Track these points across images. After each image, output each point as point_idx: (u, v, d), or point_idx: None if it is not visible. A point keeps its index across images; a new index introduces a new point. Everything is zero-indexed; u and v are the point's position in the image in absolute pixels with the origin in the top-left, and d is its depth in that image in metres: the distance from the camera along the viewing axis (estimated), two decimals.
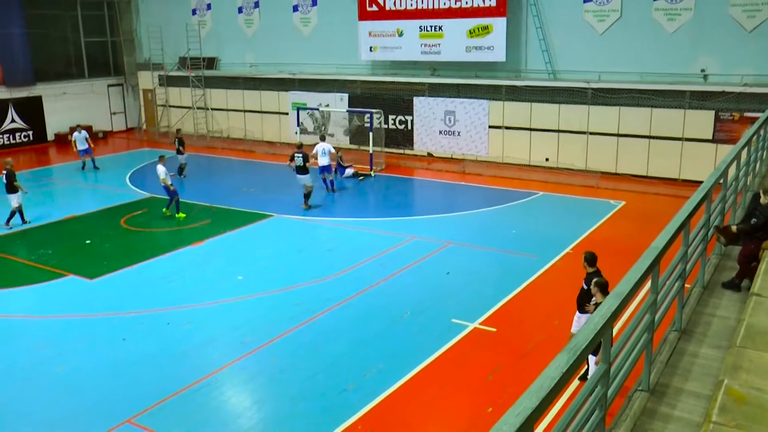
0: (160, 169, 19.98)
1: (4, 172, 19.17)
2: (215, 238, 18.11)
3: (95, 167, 26.97)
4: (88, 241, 18.08)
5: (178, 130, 27.81)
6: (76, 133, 27.12)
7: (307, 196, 20.80)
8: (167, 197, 20.35)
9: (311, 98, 29.86)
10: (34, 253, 17.30)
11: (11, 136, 32.32)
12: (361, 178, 24.40)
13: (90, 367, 11.32)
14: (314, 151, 22.43)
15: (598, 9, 23.56)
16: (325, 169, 22.47)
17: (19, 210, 19.39)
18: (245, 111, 32.82)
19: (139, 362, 11.41)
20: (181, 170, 25.40)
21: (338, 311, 13.22)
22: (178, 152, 25.24)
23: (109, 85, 36.83)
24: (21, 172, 24.35)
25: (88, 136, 27.08)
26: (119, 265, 16.08)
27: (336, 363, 11.21)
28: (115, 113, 37.15)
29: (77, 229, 19.25)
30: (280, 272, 15.48)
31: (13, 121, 32.44)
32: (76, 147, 26.56)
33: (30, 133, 32.81)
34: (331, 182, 22.65)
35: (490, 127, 25.95)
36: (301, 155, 20.66)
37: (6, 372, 11.28)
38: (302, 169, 20.62)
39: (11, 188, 19.07)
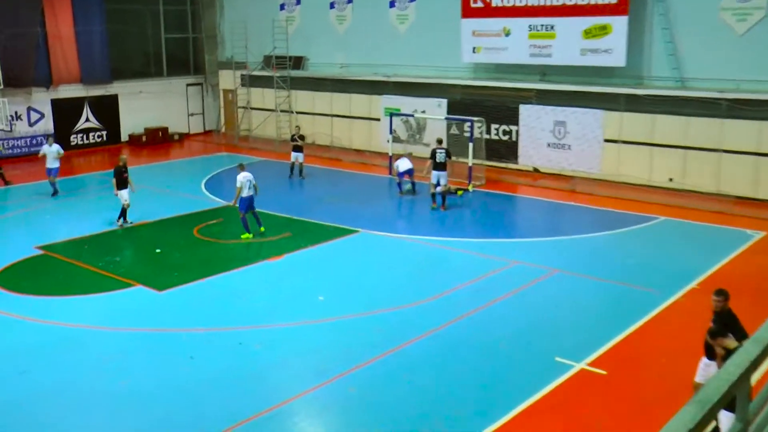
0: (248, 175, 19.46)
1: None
2: (294, 253, 18.33)
3: (55, 192, 24.10)
4: (158, 250, 18.66)
5: (297, 127, 28.98)
6: (46, 146, 24.59)
7: (443, 195, 22.16)
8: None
9: (406, 103, 29.95)
10: (101, 259, 17.90)
11: (85, 136, 33.76)
12: (460, 192, 24.27)
13: (154, 384, 11.62)
14: (396, 164, 24.29)
15: (738, 7, 22.70)
16: (408, 172, 23.79)
17: (123, 208, 20.36)
18: (333, 116, 33.27)
19: (206, 383, 11.63)
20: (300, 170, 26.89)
21: (426, 341, 13.12)
22: (297, 149, 26.69)
23: (187, 85, 38.08)
24: (93, 174, 25.52)
25: (61, 150, 24.51)
26: (190, 278, 16.48)
27: (421, 398, 11.10)
28: (192, 114, 38.35)
29: (147, 237, 19.93)
30: (363, 294, 15.54)
31: (87, 120, 33.86)
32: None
33: (104, 133, 34.22)
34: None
35: (605, 140, 25.42)
36: (443, 151, 22.19)
37: (68, 383, 11.71)
38: (441, 166, 21.95)
39: (122, 184, 20.20)
